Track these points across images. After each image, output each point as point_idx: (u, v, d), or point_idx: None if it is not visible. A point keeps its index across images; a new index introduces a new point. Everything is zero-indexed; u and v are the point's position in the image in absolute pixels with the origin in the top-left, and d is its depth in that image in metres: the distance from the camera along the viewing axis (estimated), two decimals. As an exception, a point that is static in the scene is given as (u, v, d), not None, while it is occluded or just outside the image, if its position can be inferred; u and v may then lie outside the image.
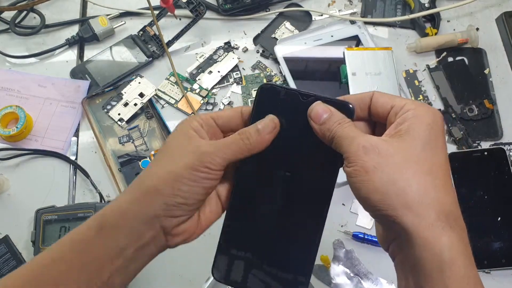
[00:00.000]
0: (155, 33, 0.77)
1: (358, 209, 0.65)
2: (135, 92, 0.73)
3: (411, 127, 0.33)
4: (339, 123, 0.35)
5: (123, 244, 0.35)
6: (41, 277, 0.35)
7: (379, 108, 0.36)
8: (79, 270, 0.34)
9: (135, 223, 0.35)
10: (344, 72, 0.71)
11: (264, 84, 0.39)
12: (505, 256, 0.61)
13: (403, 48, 0.77)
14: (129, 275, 0.37)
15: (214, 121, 0.39)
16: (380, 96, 0.36)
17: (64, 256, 0.35)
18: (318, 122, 0.36)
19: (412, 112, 0.33)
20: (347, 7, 0.81)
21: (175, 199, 0.35)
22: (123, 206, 0.36)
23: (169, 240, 0.38)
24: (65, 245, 0.36)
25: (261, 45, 0.78)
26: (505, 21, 0.77)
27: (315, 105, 0.36)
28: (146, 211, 0.35)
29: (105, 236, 0.35)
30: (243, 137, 0.36)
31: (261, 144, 0.37)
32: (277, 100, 0.38)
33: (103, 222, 0.36)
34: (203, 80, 0.75)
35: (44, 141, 0.71)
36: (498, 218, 0.63)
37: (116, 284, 0.36)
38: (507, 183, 0.65)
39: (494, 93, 0.73)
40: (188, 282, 0.62)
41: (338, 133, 0.34)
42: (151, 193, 0.35)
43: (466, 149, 0.68)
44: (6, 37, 0.80)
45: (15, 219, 0.66)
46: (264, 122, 0.37)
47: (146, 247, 0.36)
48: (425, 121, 0.33)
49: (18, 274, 0.36)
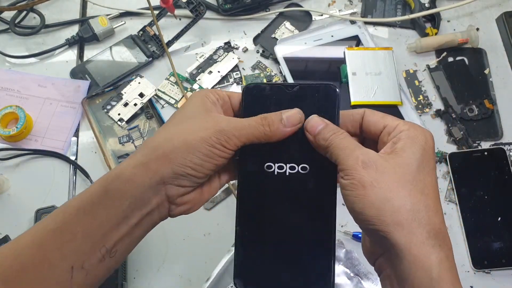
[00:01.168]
0: (155, 33, 0.77)
1: (358, 209, 0.65)
2: (135, 92, 0.73)
3: (406, 147, 0.34)
4: (333, 132, 0.35)
5: (128, 209, 0.35)
6: (45, 243, 0.34)
7: (371, 126, 0.37)
8: (83, 237, 0.34)
9: (141, 189, 0.35)
10: (344, 72, 0.71)
11: (247, 84, 0.39)
12: (505, 256, 0.61)
13: (403, 48, 0.77)
14: (132, 243, 0.37)
15: (229, 99, 0.39)
16: (372, 114, 0.37)
17: (68, 224, 0.35)
18: (313, 133, 0.36)
19: (406, 133, 0.34)
20: (347, 7, 0.81)
21: (185, 169, 0.35)
22: (130, 170, 0.35)
23: (172, 209, 0.37)
24: (69, 212, 0.35)
25: (261, 45, 0.78)
26: (505, 21, 0.77)
27: (311, 118, 0.37)
28: (154, 177, 0.35)
29: (110, 201, 0.35)
30: (264, 123, 0.36)
31: (281, 134, 0.36)
32: (264, 96, 0.38)
33: (108, 186, 0.35)
34: (203, 80, 0.75)
35: (44, 141, 0.71)
36: (498, 218, 0.63)
37: (119, 252, 0.36)
38: (507, 183, 0.65)
39: (494, 93, 0.73)
40: (188, 282, 0.62)
41: (333, 143, 0.35)
42: (161, 159, 0.35)
43: (466, 149, 0.68)
44: (6, 37, 0.80)
45: (15, 219, 0.66)
46: (290, 113, 0.37)
47: (150, 214, 0.36)
48: (419, 142, 0.34)
49: (21, 240, 0.35)
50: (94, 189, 0.36)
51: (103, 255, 0.35)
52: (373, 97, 0.69)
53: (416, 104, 0.72)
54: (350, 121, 0.38)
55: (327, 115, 0.37)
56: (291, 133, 0.37)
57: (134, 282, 0.62)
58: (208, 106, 0.37)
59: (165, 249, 0.64)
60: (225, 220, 0.65)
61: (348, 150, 0.34)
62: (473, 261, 0.61)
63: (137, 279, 0.62)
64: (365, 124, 0.37)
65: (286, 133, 0.36)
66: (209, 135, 0.35)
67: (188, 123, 0.36)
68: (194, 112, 0.37)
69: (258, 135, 0.36)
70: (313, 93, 0.38)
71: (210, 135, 0.35)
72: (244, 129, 0.36)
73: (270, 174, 0.37)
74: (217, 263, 0.59)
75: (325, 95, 0.38)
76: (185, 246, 0.64)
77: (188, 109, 0.37)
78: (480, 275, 0.61)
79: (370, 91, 0.69)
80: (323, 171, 0.37)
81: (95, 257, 0.34)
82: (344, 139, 0.35)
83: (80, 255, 0.34)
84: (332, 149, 0.35)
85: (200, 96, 0.38)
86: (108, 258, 0.35)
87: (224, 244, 0.61)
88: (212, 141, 0.35)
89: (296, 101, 0.38)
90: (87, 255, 0.34)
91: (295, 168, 0.37)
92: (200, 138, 0.35)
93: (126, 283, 0.61)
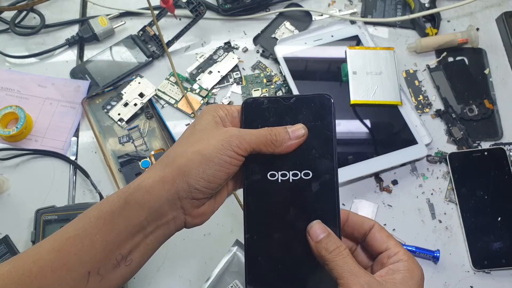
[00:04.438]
0: (155, 33, 0.77)
1: (358, 209, 0.65)
2: (135, 92, 0.73)
3: (404, 280, 0.36)
4: (337, 246, 0.36)
5: (145, 220, 0.37)
6: (64, 248, 0.36)
7: (375, 242, 0.40)
8: (102, 245, 0.36)
9: (158, 202, 0.37)
10: (344, 70, 0.71)
11: (246, 99, 0.41)
12: (505, 256, 0.61)
13: (403, 48, 0.77)
14: (147, 252, 0.39)
15: (238, 113, 0.41)
16: (379, 230, 0.40)
17: (88, 232, 0.36)
18: (315, 239, 0.37)
19: (404, 264, 0.37)
20: (347, 7, 0.81)
21: (199, 182, 0.37)
22: (149, 183, 0.37)
23: (188, 221, 0.39)
24: (89, 221, 0.37)
25: (261, 45, 0.78)
26: (505, 21, 0.77)
27: (314, 224, 0.38)
28: (170, 190, 0.37)
29: (128, 212, 0.37)
30: (271, 133, 0.38)
31: (287, 145, 0.39)
32: (262, 110, 0.41)
33: (128, 197, 0.37)
34: (203, 80, 0.75)
35: (44, 141, 0.71)
36: (498, 218, 0.63)
37: (134, 261, 0.38)
38: (507, 183, 0.65)
39: (494, 93, 0.73)
40: (188, 282, 0.62)
41: (338, 262, 0.36)
42: (176, 172, 0.37)
43: (466, 149, 0.68)
44: (6, 37, 0.80)
45: (15, 219, 0.66)
46: (295, 127, 0.39)
47: (166, 225, 0.38)
48: (416, 278, 0.37)
49: (41, 246, 0.37)
50: (114, 199, 0.37)
51: (118, 262, 0.36)
52: (373, 97, 0.69)
53: (416, 104, 0.72)
54: (358, 227, 0.41)
55: (324, 123, 0.40)
56: (296, 146, 0.39)
57: (134, 282, 0.62)
58: (218, 120, 0.40)
59: (165, 249, 0.64)
60: (225, 220, 0.65)
61: (353, 275, 0.35)
62: (473, 261, 0.61)
63: (137, 279, 0.62)
64: (370, 237, 0.40)
65: (291, 145, 0.39)
66: (221, 142, 0.37)
67: (200, 135, 0.39)
68: (205, 126, 0.39)
69: (266, 143, 0.38)
70: (309, 103, 0.40)
71: (221, 142, 0.37)
72: (253, 135, 0.38)
73: (274, 182, 0.39)
74: (217, 263, 0.59)
75: (320, 105, 0.40)
76: (185, 246, 0.64)
77: (199, 124, 0.40)
78: (480, 275, 0.61)
79: (370, 91, 0.69)
80: (324, 174, 0.39)
81: (111, 264, 0.36)
82: (348, 261, 0.36)
83: (97, 261, 0.36)
84: (336, 268, 0.36)
85: (210, 112, 0.40)
86: (124, 266, 0.37)
87: (224, 244, 0.61)
88: (224, 147, 0.37)
89: (293, 112, 0.40)
90: (103, 261, 0.36)
91: (298, 175, 0.39)
92: (212, 147, 0.37)
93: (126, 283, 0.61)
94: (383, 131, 0.68)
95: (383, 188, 0.67)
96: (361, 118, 0.69)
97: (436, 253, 0.61)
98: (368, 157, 0.66)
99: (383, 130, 0.68)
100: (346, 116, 0.69)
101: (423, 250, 0.61)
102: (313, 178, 0.39)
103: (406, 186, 0.67)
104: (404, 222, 0.65)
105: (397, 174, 0.68)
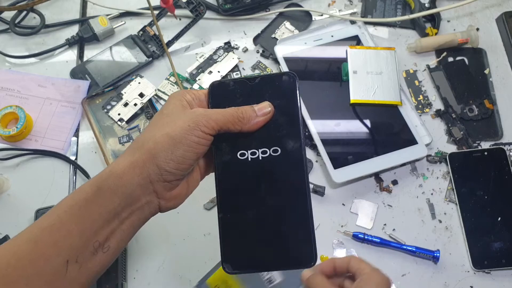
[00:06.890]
0: (155, 33, 0.77)
1: (358, 209, 0.65)
2: (135, 92, 0.73)
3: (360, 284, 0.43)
4: None
5: (119, 206, 0.37)
6: (41, 239, 0.36)
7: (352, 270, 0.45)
8: (78, 233, 0.36)
9: (130, 186, 0.37)
10: (345, 70, 0.71)
11: (213, 82, 0.42)
12: (505, 256, 0.61)
13: (403, 48, 0.77)
14: (124, 238, 0.39)
15: (205, 97, 0.42)
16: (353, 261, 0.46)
17: (64, 221, 0.36)
18: None
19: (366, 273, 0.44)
20: (347, 7, 0.81)
21: (168, 164, 0.37)
22: (120, 169, 0.37)
23: (162, 205, 0.39)
24: (64, 210, 0.37)
25: (261, 45, 0.78)
26: (505, 21, 0.77)
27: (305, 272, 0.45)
28: (141, 174, 0.37)
29: (102, 198, 0.37)
30: (238, 111, 0.39)
31: (254, 122, 0.39)
32: (229, 91, 0.41)
33: (100, 184, 0.37)
34: (203, 80, 0.75)
35: (44, 141, 0.71)
36: (498, 218, 0.63)
37: (112, 247, 0.38)
38: (507, 183, 0.65)
39: (494, 93, 0.73)
40: (188, 282, 0.62)
41: None
42: (146, 157, 0.37)
43: (466, 149, 0.68)
44: (6, 37, 0.80)
45: (15, 219, 0.66)
46: (261, 105, 0.40)
47: (140, 210, 0.38)
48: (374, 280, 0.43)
49: (18, 238, 0.37)
50: (87, 187, 0.38)
51: (96, 249, 0.37)
52: (372, 96, 0.69)
53: (416, 104, 0.72)
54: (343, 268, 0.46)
55: (289, 100, 0.41)
56: (263, 123, 0.40)
57: (134, 282, 0.62)
58: (185, 103, 0.40)
59: (165, 249, 0.64)
60: (225, 220, 0.65)
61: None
62: (473, 261, 0.61)
63: (137, 279, 0.62)
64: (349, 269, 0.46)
65: (258, 123, 0.39)
66: (188, 123, 0.37)
67: (168, 119, 0.39)
68: (172, 110, 0.40)
69: (233, 121, 0.39)
70: (274, 82, 0.41)
71: (188, 122, 0.38)
72: (220, 114, 0.39)
73: (244, 160, 0.40)
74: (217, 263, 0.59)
75: (285, 83, 0.41)
76: (185, 246, 0.64)
77: (167, 109, 0.40)
78: (480, 275, 0.61)
79: (370, 90, 0.69)
80: (292, 150, 0.40)
81: (88, 251, 0.36)
82: None
83: (74, 249, 0.36)
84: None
85: (177, 97, 0.41)
86: (101, 253, 0.37)
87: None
88: (191, 128, 0.37)
89: (259, 92, 0.41)
90: (81, 249, 0.36)
91: (267, 152, 0.40)
92: (180, 129, 0.37)
93: (126, 283, 0.61)
94: (383, 131, 0.68)
95: (383, 188, 0.67)
96: (361, 118, 0.69)
97: (436, 253, 0.61)
98: (368, 157, 0.66)
99: (383, 130, 0.68)
100: (346, 116, 0.69)
101: (423, 250, 0.61)
102: (281, 154, 0.40)
103: (406, 186, 0.67)
104: (404, 222, 0.65)
105: (397, 174, 0.68)
